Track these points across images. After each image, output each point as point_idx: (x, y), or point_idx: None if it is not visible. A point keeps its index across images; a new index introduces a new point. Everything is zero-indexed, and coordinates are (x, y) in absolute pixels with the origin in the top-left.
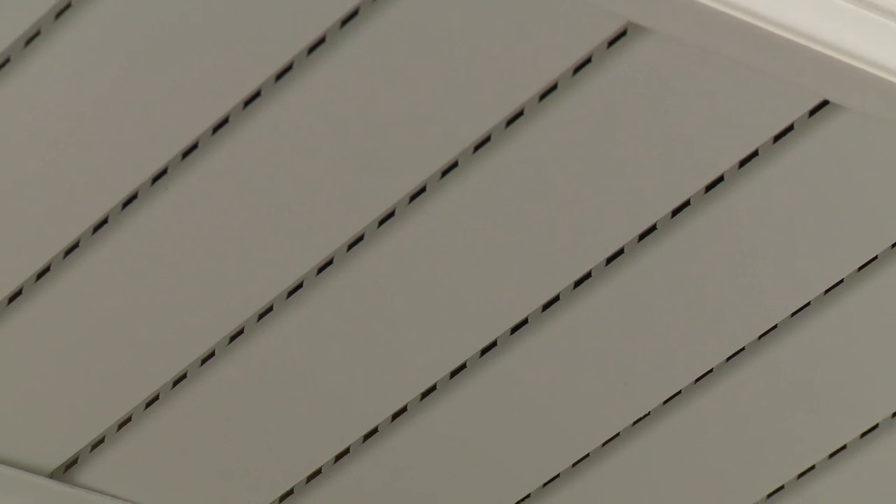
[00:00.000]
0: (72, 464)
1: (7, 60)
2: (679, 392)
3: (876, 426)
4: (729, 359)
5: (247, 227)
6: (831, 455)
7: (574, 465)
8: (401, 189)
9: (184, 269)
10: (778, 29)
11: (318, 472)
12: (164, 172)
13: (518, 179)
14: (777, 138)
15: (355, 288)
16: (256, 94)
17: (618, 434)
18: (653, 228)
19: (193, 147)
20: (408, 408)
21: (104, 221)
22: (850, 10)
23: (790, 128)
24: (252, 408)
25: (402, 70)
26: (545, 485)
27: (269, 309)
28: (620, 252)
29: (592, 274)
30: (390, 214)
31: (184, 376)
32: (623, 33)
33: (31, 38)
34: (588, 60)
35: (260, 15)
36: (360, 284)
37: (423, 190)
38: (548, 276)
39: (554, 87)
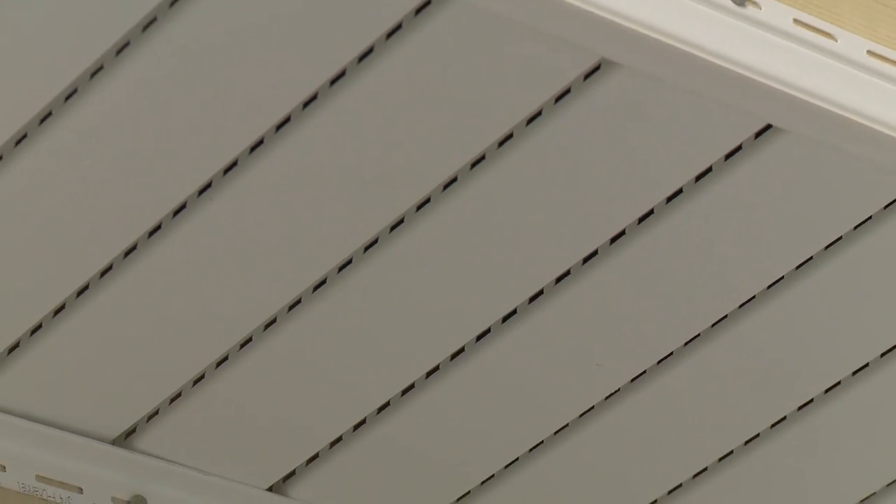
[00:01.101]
0: (131, 432)
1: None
2: (644, 371)
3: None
4: (687, 343)
5: (281, 231)
6: (779, 421)
7: (555, 433)
8: (409, 200)
9: (227, 267)
10: (730, 64)
11: (338, 440)
12: (209, 185)
13: (509, 191)
14: (728, 157)
15: (370, 284)
16: (286, 120)
17: (592, 407)
18: (622, 234)
19: (234, 164)
20: (415, 385)
21: (158, 227)
22: (789, 47)
23: (739, 147)
24: (282, 385)
25: (410, 101)
26: (531, 450)
27: (298, 301)
28: (595, 254)
29: (571, 272)
30: (400, 221)
31: (225, 358)
32: (597, 67)
33: (96, 71)
34: (568, 90)
35: (289, 50)
36: (374, 281)
37: (427, 201)
38: (533, 272)
39: (539, 114)
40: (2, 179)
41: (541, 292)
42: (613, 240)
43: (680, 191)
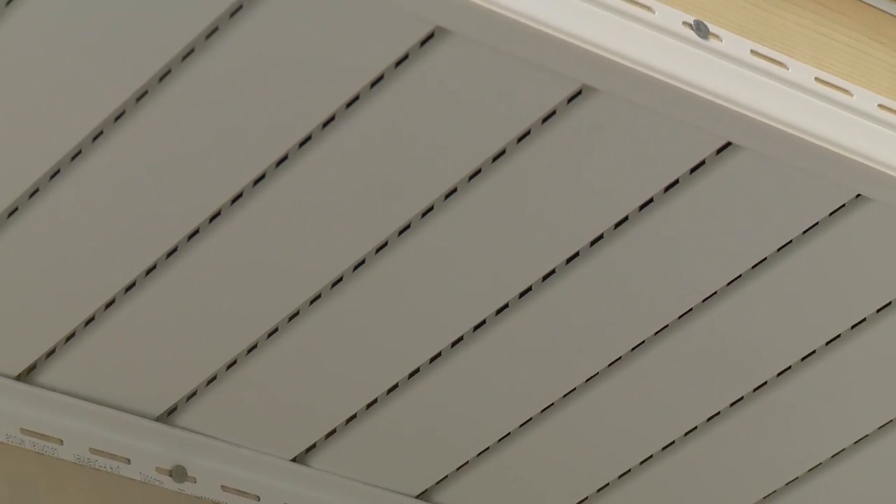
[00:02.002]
0: (172, 410)
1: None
2: (619, 357)
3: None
4: (657, 332)
5: (303, 236)
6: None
7: (542, 411)
8: (414, 208)
9: (257, 267)
10: (695, 89)
11: (353, 417)
12: (240, 195)
13: (502, 199)
14: (693, 170)
15: (380, 281)
16: (308, 138)
17: (574, 388)
18: (600, 237)
19: (261, 177)
20: (420, 369)
21: (195, 231)
22: (746, 74)
23: (702, 162)
24: (304, 369)
25: (416, 123)
26: (521, 426)
27: (318, 296)
28: (576, 255)
29: (556, 271)
30: (407, 226)
31: (255, 346)
32: (579, 92)
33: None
34: (553, 112)
35: (312, 79)
36: (384, 279)
37: (431, 208)
38: (522, 271)
39: (528, 133)
40: (61, 187)
41: (529, 289)
42: (593, 242)
43: (651, 200)
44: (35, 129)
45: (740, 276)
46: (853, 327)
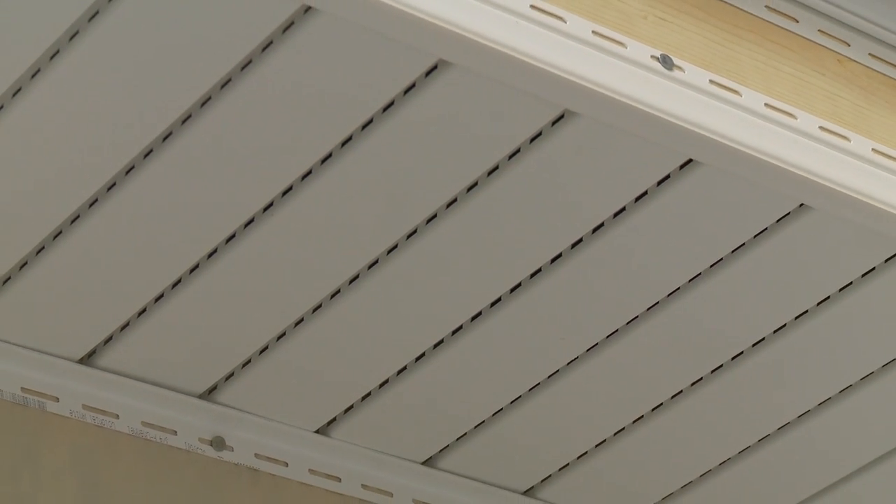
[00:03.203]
0: (213, 389)
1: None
2: (596, 344)
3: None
4: (628, 322)
5: (331, 238)
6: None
7: (530, 389)
8: (420, 216)
9: (296, 263)
10: (661, 113)
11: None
12: (270, 205)
13: (497, 207)
14: (660, 183)
15: (391, 278)
16: (329, 156)
17: (558, 370)
18: (580, 241)
19: (289, 189)
20: (425, 354)
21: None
22: (705, 100)
23: (668, 176)
24: (338, 348)
25: (423, 144)
26: (512, 402)
27: (338, 291)
28: (559, 256)
29: (542, 269)
30: (413, 231)
31: (283, 334)
32: (562, 116)
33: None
34: (539, 133)
35: (334, 104)
36: (394, 276)
37: (434, 216)
38: (512, 270)
39: (518, 150)
40: (124, 189)
41: (519, 284)
42: (574, 245)
43: (623, 208)
44: (107, 132)
45: (700, 273)
46: (796, 318)
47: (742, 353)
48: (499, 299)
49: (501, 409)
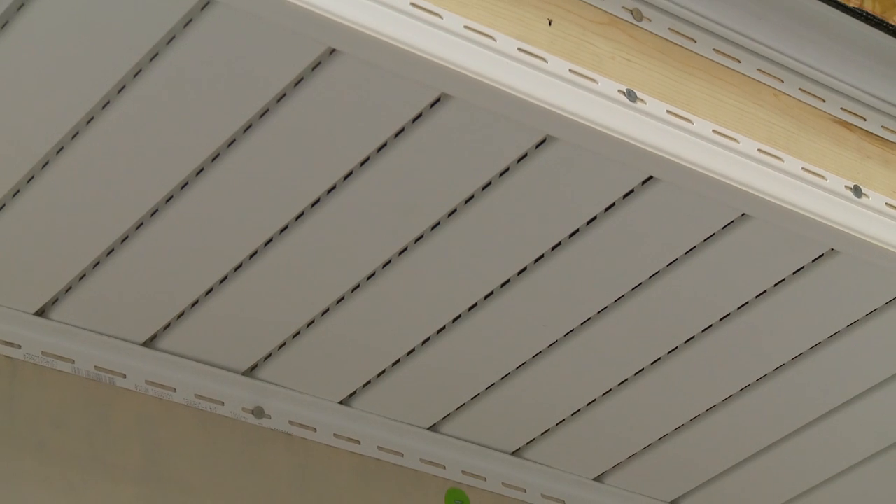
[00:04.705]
0: (254, 367)
1: None
2: (572, 329)
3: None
4: (599, 312)
5: (353, 242)
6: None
7: (517, 367)
8: (426, 223)
9: (323, 265)
10: (627, 138)
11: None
12: (301, 215)
13: (492, 214)
14: (626, 196)
15: (402, 275)
16: (350, 173)
17: (540, 352)
18: (558, 244)
19: (316, 201)
20: (430, 339)
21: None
22: (664, 127)
23: (632, 190)
24: (359, 334)
25: (429, 166)
26: (503, 378)
27: (357, 286)
28: (541, 258)
29: (528, 268)
30: (420, 236)
31: (312, 321)
32: (543, 140)
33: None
34: (525, 155)
35: (355, 128)
36: (404, 273)
37: (438, 223)
38: (502, 269)
39: (507, 169)
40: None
41: (508, 280)
42: (554, 248)
43: (595, 217)
44: (178, 135)
45: (658, 271)
46: (740, 308)
47: (692, 338)
48: (491, 293)
49: (493, 384)
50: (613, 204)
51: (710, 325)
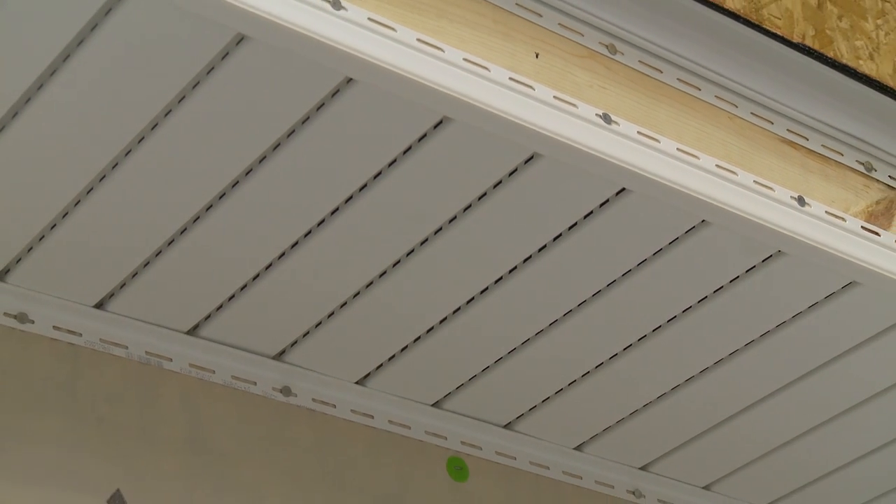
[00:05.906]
0: (282, 352)
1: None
2: (555, 321)
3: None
4: (580, 304)
5: (366, 245)
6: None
7: (510, 351)
8: (430, 228)
9: (337, 268)
10: (605, 156)
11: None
12: (322, 222)
13: (484, 225)
14: (601, 205)
15: (412, 273)
16: (364, 185)
17: (529, 338)
18: (544, 247)
19: (336, 209)
20: (433, 328)
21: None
22: (634, 146)
23: (607, 201)
24: (371, 325)
25: (433, 177)
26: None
27: (371, 283)
28: (529, 258)
29: (518, 267)
30: (425, 240)
31: (331, 313)
32: (531, 157)
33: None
34: (515, 170)
35: (368, 145)
36: (413, 271)
37: (440, 228)
38: (495, 268)
39: (500, 182)
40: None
41: (500, 278)
42: (540, 250)
43: (575, 223)
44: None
45: (629, 270)
46: (700, 302)
47: (659, 327)
48: (486, 289)
49: (486, 367)
50: (591, 212)
51: (674, 317)
